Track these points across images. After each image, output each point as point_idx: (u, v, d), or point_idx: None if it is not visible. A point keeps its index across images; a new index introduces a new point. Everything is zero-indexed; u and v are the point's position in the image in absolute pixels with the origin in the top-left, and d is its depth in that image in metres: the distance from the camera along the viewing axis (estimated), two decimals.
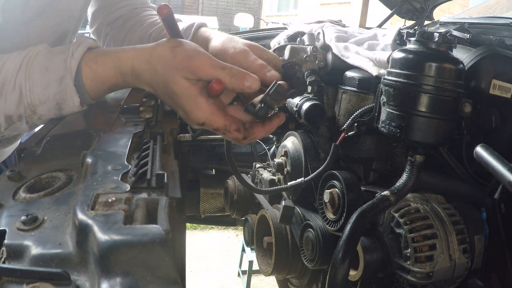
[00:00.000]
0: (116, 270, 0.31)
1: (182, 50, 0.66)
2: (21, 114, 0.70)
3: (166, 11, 0.67)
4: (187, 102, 0.66)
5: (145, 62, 0.68)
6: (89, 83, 0.70)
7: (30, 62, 0.69)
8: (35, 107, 0.69)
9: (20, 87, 0.68)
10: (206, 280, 3.32)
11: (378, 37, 1.05)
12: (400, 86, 0.77)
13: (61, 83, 0.68)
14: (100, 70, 0.70)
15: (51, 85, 0.68)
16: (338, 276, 0.74)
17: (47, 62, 0.69)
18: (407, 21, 2.13)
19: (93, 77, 0.70)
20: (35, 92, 0.68)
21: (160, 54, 0.67)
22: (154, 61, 0.67)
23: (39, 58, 0.70)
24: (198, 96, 0.66)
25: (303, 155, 1.09)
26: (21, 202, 0.45)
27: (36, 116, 0.70)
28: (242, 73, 0.67)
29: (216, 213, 1.73)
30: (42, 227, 0.39)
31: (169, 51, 0.66)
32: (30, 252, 0.35)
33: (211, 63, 0.66)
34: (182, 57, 0.65)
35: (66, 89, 0.68)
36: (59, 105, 0.70)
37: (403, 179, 0.80)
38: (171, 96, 0.68)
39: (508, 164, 0.64)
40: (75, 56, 0.69)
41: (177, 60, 0.65)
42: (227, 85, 0.66)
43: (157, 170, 0.48)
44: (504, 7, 1.79)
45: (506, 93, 0.79)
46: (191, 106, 0.66)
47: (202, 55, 0.66)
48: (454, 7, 5.86)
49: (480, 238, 0.81)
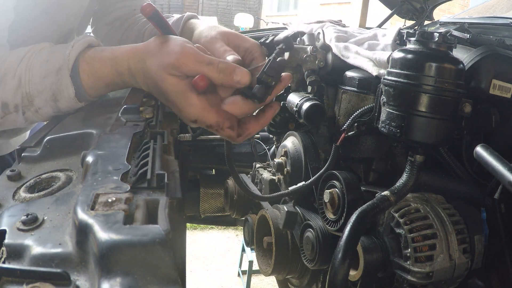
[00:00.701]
0: (116, 270, 0.31)
1: (167, 46, 0.65)
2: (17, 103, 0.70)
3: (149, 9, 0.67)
4: (177, 99, 0.65)
5: (139, 61, 0.68)
6: (86, 78, 0.70)
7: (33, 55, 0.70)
8: (32, 97, 0.69)
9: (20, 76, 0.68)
10: (206, 280, 3.32)
11: (378, 37, 1.05)
12: (400, 86, 0.77)
13: (58, 74, 0.69)
14: (98, 67, 0.70)
15: (49, 75, 0.69)
16: (338, 276, 0.74)
17: (49, 55, 0.70)
18: (407, 21, 2.13)
19: (90, 73, 0.70)
20: (34, 82, 0.68)
21: (150, 52, 0.67)
22: (146, 60, 0.67)
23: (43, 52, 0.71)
24: (188, 92, 0.64)
25: (303, 155, 1.09)
26: (21, 202, 0.45)
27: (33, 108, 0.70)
28: (231, 68, 0.64)
29: (216, 213, 1.73)
30: (42, 227, 0.39)
31: (157, 49, 0.66)
32: (30, 252, 0.35)
33: (197, 58, 0.64)
34: (166, 53, 0.65)
35: (62, 79, 0.69)
36: (54, 95, 0.70)
37: (403, 179, 0.80)
38: (163, 94, 0.67)
39: (508, 164, 0.64)
40: (74, 48, 0.70)
41: (163, 56, 0.65)
42: (215, 80, 0.65)
43: (157, 170, 0.48)
44: (504, 7, 1.79)
45: (506, 93, 0.79)
46: (182, 103, 0.65)
47: (187, 50, 0.65)
48: (454, 7, 5.86)
49: (480, 238, 0.81)
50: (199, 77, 0.64)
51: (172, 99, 0.66)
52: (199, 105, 0.64)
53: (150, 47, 0.67)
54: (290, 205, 1.14)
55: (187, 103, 0.65)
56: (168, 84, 0.65)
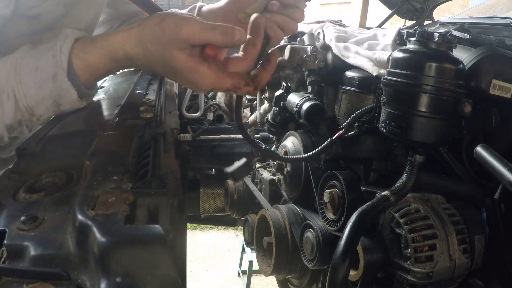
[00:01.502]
0: (116, 270, 0.31)
1: (169, 22, 0.64)
2: (19, 119, 0.70)
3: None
4: (190, 74, 0.65)
5: (136, 45, 0.67)
6: (82, 74, 0.69)
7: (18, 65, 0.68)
8: (32, 109, 0.69)
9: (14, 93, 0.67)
10: (206, 280, 3.32)
11: (378, 37, 1.05)
12: (400, 86, 0.77)
13: (55, 80, 0.67)
14: (92, 59, 0.69)
15: (45, 84, 0.68)
16: (338, 276, 0.74)
17: (36, 62, 0.68)
18: (407, 21, 2.14)
19: (86, 68, 0.69)
20: (29, 94, 0.67)
21: (149, 34, 0.66)
22: (145, 43, 0.66)
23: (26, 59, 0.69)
24: (199, 65, 0.65)
25: (303, 155, 1.08)
26: (21, 202, 0.45)
27: (35, 117, 0.70)
28: (231, 29, 0.65)
29: (216, 213, 1.73)
30: (42, 227, 0.39)
31: (157, 28, 0.65)
32: (30, 252, 0.35)
33: (201, 26, 0.65)
34: (170, 29, 0.64)
35: (62, 85, 0.68)
36: (56, 102, 0.69)
37: (403, 179, 0.80)
38: (173, 72, 0.66)
39: (508, 164, 0.64)
40: (63, 50, 0.68)
41: (167, 34, 0.64)
42: (220, 44, 0.65)
43: (158, 171, 0.48)
44: (504, 7, 1.79)
45: (506, 93, 0.79)
46: (195, 77, 0.65)
47: (190, 21, 0.65)
48: (454, 7, 5.86)
49: (480, 238, 0.81)
50: (208, 47, 0.65)
51: (185, 75, 0.66)
52: (212, 74, 0.65)
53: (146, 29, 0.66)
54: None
55: (201, 76, 0.65)
56: (179, 62, 0.64)
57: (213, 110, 1.86)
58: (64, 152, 0.57)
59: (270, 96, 1.31)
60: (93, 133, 0.61)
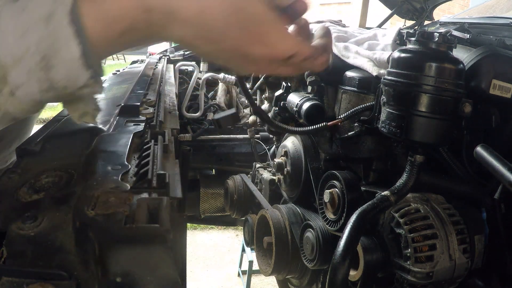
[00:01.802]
0: (116, 270, 0.31)
1: None
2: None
3: None
4: (273, 31, 0.51)
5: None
6: (92, 24, 0.43)
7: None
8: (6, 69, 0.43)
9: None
10: (206, 280, 3.32)
11: (378, 37, 1.05)
12: (400, 86, 0.77)
13: (48, 23, 0.42)
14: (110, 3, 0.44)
15: (32, 29, 0.42)
16: (338, 276, 0.74)
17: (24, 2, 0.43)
18: (407, 21, 2.14)
19: (99, 16, 0.44)
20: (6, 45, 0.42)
21: None
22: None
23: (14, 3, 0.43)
24: (282, 24, 0.53)
25: (303, 155, 1.09)
26: (21, 202, 0.45)
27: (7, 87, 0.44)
28: None
29: (216, 213, 1.73)
30: (42, 227, 0.39)
31: None
32: (30, 252, 0.35)
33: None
34: None
35: (58, 31, 0.42)
36: (46, 60, 0.43)
37: (403, 179, 0.80)
38: (244, 26, 0.49)
39: (508, 164, 0.64)
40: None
41: None
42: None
43: (158, 170, 0.48)
44: (504, 7, 1.79)
45: (506, 93, 0.79)
46: (277, 35, 0.52)
47: None
48: (454, 7, 5.86)
49: (480, 238, 0.81)
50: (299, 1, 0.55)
51: (264, 31, 0.50)
52: (295, 36, 0.55)
53: None
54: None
55: (284, 35, 0.53)
56: (260, 8, 0.49)
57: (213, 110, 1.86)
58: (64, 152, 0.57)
59: (270, 96, 1.31)
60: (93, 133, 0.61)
